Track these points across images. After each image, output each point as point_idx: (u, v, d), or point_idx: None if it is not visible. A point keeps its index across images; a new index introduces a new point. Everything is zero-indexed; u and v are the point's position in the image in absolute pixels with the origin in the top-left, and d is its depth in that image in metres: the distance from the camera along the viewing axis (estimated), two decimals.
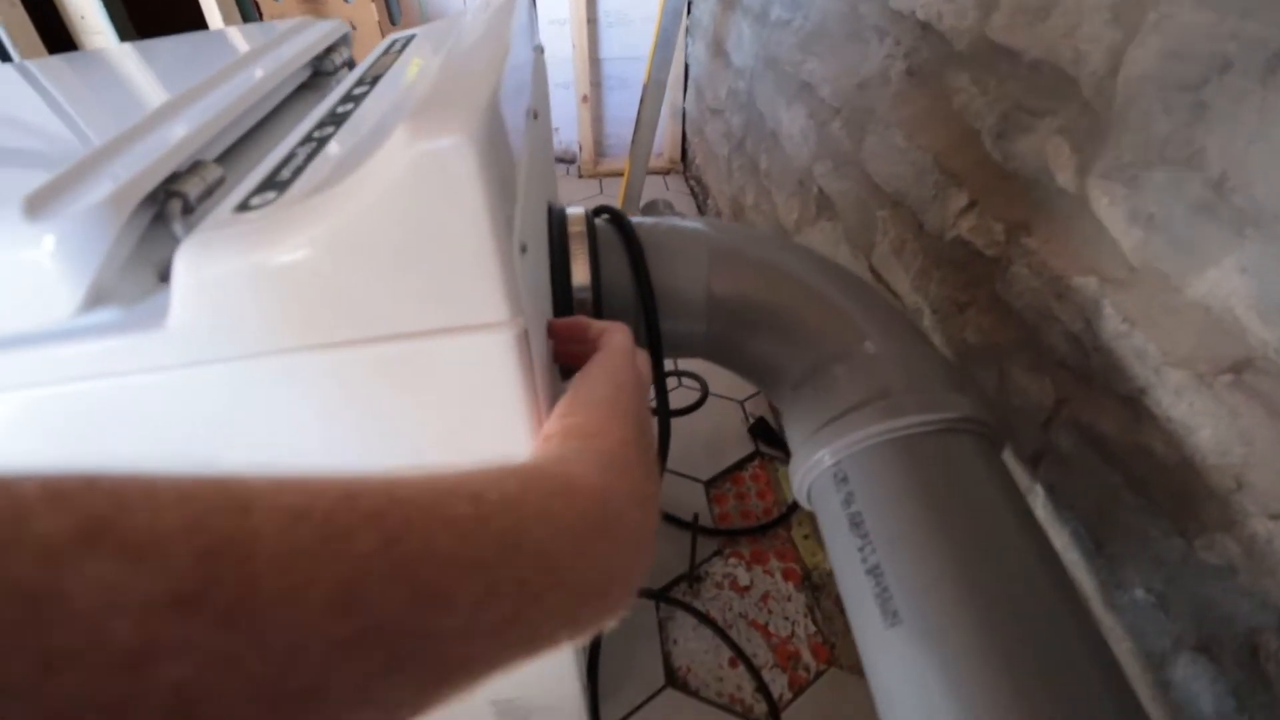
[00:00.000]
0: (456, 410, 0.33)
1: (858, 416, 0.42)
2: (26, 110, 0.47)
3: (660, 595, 0.91)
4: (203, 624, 0.10)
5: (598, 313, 0.51)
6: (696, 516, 0.86)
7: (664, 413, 0.57)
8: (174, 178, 0.32)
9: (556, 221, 0.52)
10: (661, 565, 0.95)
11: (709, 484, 1.06)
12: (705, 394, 0.91)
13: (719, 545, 0.98)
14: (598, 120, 1.97)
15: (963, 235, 0.58)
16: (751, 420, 1.16)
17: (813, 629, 0.88)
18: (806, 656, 0.86)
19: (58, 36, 1.52)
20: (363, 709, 0.13)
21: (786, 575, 0.95)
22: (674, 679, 0.83)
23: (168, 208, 0.32)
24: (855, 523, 0.40)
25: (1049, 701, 0.32)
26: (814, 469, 0.44)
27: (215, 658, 0.10)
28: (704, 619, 0.88)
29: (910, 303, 0.67)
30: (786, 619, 0.90)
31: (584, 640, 0.20)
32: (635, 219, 0.55)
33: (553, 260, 0.49)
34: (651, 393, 0.38)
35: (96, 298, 0.30)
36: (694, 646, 0.87)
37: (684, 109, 1.89)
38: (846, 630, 0.87)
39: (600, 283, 0.50)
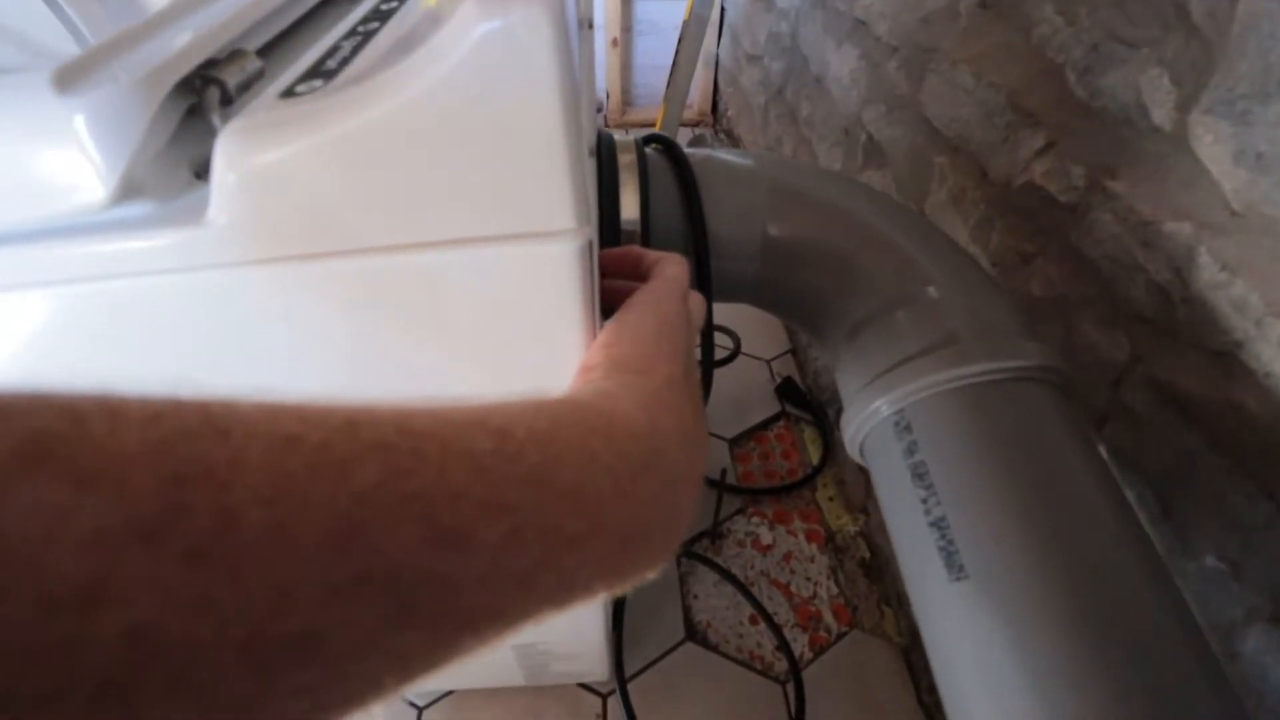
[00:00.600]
0: (510, 330, 0.31)
1: (922, 363, 0.40)
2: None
3: (683, 550, 0.90)
4: (167, 560, 0.09)
5: (645, 245, 0.48)
6: (724, 473, 0.85)
7: (708, 361, 0.55)
8: (211, 64, 0.30)
9: (606, 149, 0.49)
10: None
11: (733, 442, 1.05)
12: (737, 349, 0.88)
13: (742, 504, 0.97)
14: (627, 67, 1.90)
15: (1035, 180, 0.54)
16: (779, 380, 1.13)
17: (835, 591, 0.88)
18: (828, 618, 0.85)
19: None
20: (368, 660, 0.11)
21: (810, 536, 0.93)
22: (694, 633, 0.83)
23: (205, 96, 0.29)
24: (918, 474, 0.38)
25: (1125, 661, 0.30)
26: (871, 418, 0.42)
27: (181, 599, 0.09)
28: (726, 574, 0.87)
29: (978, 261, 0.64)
30: (809, 579, 0.89)
31: (622, 591, 0.18)
32: (688, 149, 0.51)
33: (600, 191, 0.47)
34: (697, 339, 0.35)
35: (129, 189, 0.27)
36: (715, 603, 0.86)
37: (717, 56, 1.81)
38: (869, 593, 0.87)
39: (649, 217, 0.48)
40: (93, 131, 0.26)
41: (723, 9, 1.73)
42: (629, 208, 0.47)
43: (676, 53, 1.13)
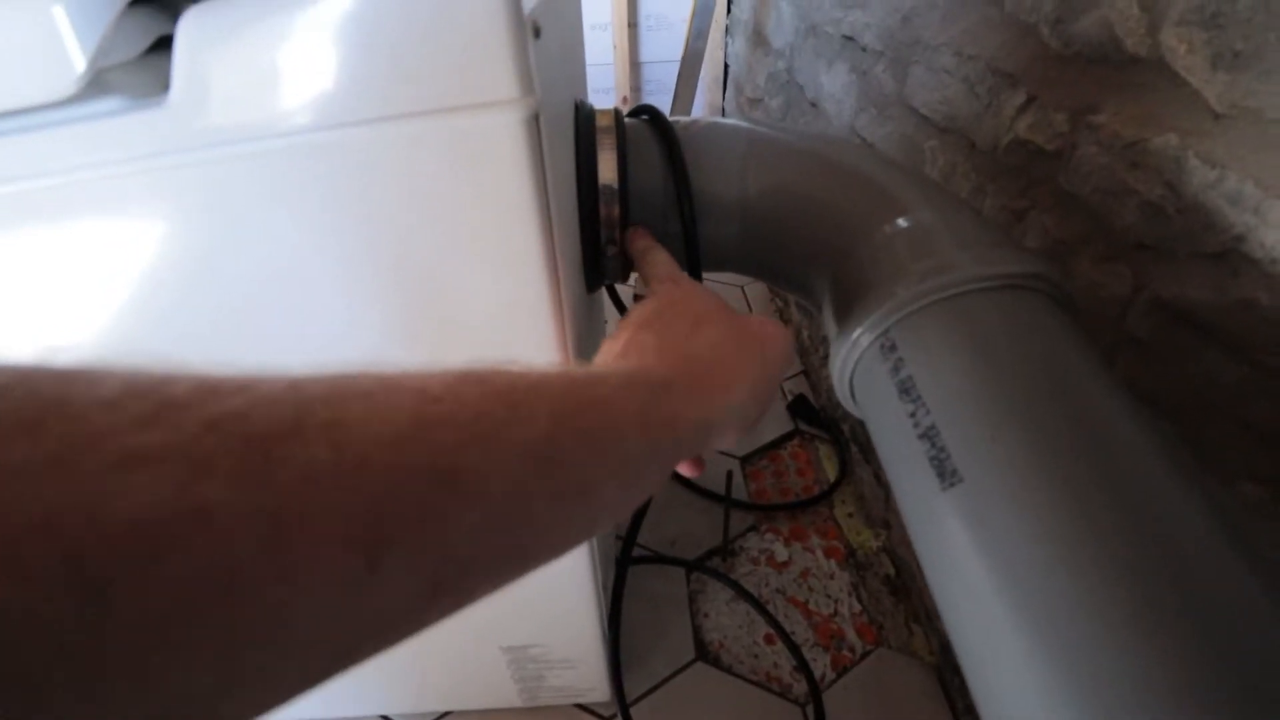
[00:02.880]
0: (462, 217, 0.31)
1: (903, 282, 0.38)
2: None
3: (694, 564, 0.85)
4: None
5: (624, 213, 0.48)
6: (730, 475, 0.81)
7: None
8: None
9: (584, 117, 0.50)
10: (692, 538, 0.89)
11: (745, 460, 1.01)
12: None
13: (755, 520, 0.92)
14: (635, 65, 1.96)
15: (1020, 136, 0.54)
16: (790, 398, 1.10)
17: (858, 608, 0.81)
18: (851, 636, 0.78)
19: None
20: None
21: (829, 553, 0.88)
22: (705, 653, 0.77)
23: None
24: (905, 389, 0.36)
25: (1140, 544, 0.27)
26: (854, 350, 0.40)
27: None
28: (739, 589, 0.82)
29: None
30: (829, 597, 0.83)
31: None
32: (672, 118, 0.52)
33: (578, 158, 0.47)
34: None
35: (97, 83, 0.29)
36: (726, 621, 0.81)
37: (723, 107, 1.89)
38: (895, 610, 0.80)
39: (628, 181, 0.48)
40: (71, 18, 0.27)
41: (725, 65, 1.82)
42: (606, 171, 0.48)
43: (675, 87, 1.18)
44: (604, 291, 0.63)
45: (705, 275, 0.51)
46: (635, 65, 1.90)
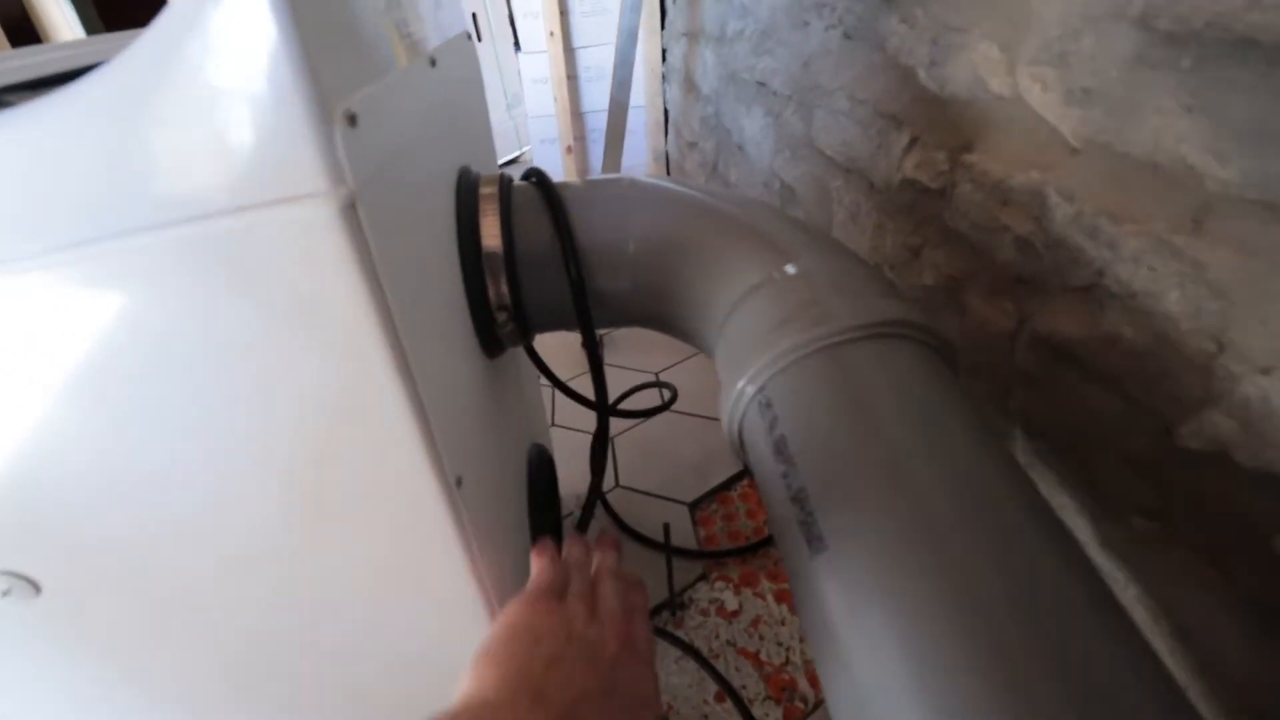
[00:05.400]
0: (290, 320, 0.29)
1: (780, 334, 0.37)
2: None
3: None
4: None
5: (513, 276, 0.47)
6: (667, 527, 0.79)
7: (601, 400, 0.53)
8: None
9: (467, 186, 0.49)
10: None
11: (693, 506, 0.99)
12: (673, 398, 0.85)
13: (704, 569, 0.89)
14: (583, 171, 2.01)
15: (908, 175, 0.54)
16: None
17: (809, 655, 0.78)
18: (804, 685, 0.75)
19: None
20: None
21: (779, 597, 0.85)
22: None
23: None
24: (779, 449, 0.34)
25: (1015, 624, 0.25)
26: (739, 403, 0.39)
27: None
28: (688, 649, 0.79)
29: (870, 262, 0.63)
30: (780, 645, 0.80)
31: None
32: (561, 181, 0.52)
33: (460, 226, 0.46)
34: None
35: None
36: (676, 681, 0.77)
37: (666, 152, 1.92)
38: None
39: (514, 245, 0.47)
40: None
41: (665, 110, 1.86)
42: (490, 237, 0.46)
43: (605, 139, 1.19)
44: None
45: (611, 330, 0.50)
46: (578, 115, 1.93)
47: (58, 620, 0.39)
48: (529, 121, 2.03)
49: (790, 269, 0.41)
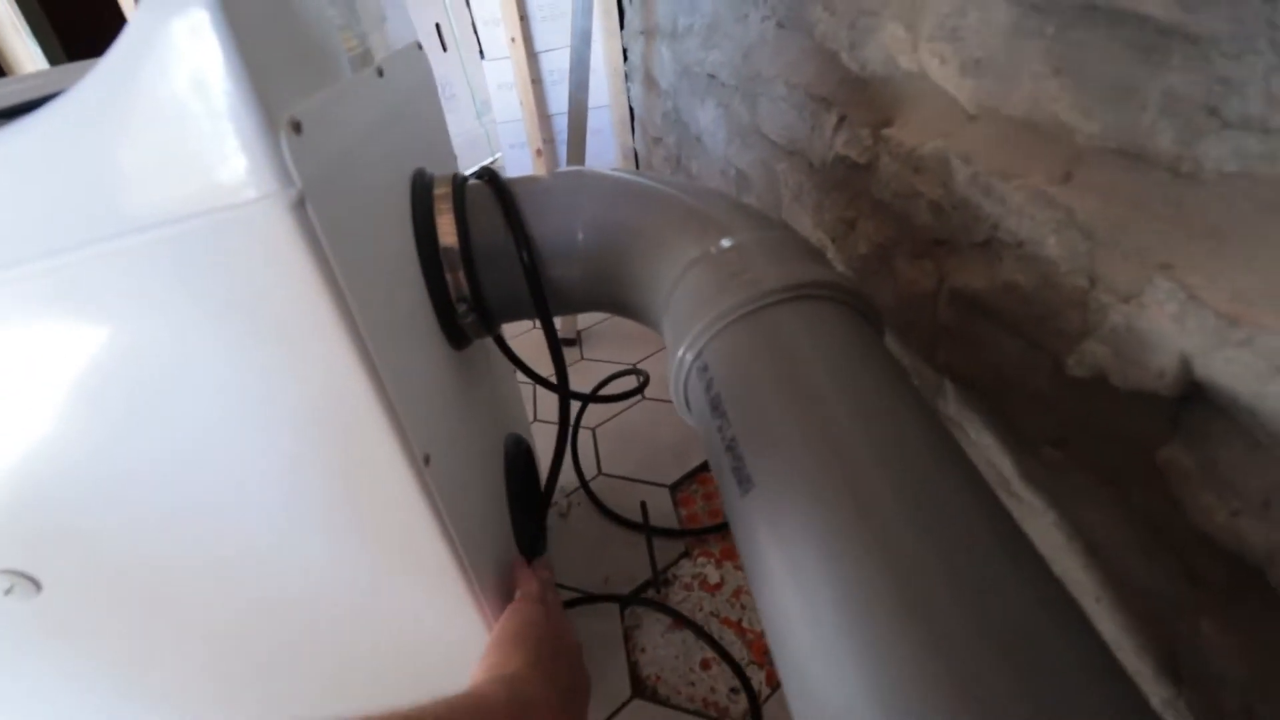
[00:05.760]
0: (253, 323, 0.32)
1: (713, 302, 0.40)
2: None
3: (628, 599, 0.85)
4: None
5: (471, 271, 0.50)
6: (644, 505, 0.82)
7: (563, 385, 0.56)
8: None
9: (421, 187, 0.52)
10: (625, 574, 0.89)
11: (674, 487, 1.02)
12: (644, 384, 0.88)
13: (687, 546, 0.92)
14: (544, 118, 1.98)
15: (839, 152, 0.57)
16: None
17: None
18: None
19: None
20: None
21: None
22: (642, 689, 0.76)
23: None
24: (715, 406, 0.38)
25: (916, 537, 0.28)
26: (681, 371, 0.42)
27: None
28: (677, 615, 0.82)
29: (815, 240, 0.66)
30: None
31: None
32: (515, 177, 0.55)
33: (416, 226, 0.49)
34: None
35: None
36: (663, 654, 0.80)
37: (634, 149, 1.95)
38: None
39: (469, 240, 0.50)
40: None
41: (631, 108, 1.89)
42: (445, 234, 0.49)
43: (568, 144, 1.22)
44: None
45: (590, 326, 0.53)
46: (545, 118, 1.96)
47: (57, 618, 0.42)
48: (498, 127, 2.06)
49: (725, 242, 0.44)
